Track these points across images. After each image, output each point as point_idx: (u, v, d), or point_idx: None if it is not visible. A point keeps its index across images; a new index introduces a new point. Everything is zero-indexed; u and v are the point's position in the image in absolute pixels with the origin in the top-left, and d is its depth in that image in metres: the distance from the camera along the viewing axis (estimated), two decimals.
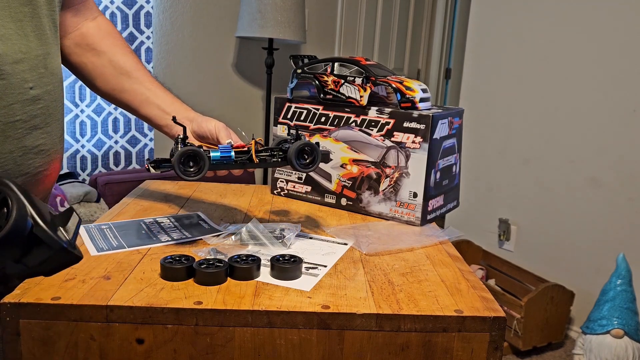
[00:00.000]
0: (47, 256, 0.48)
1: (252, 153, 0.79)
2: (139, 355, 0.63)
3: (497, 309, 0.66)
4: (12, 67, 0.71)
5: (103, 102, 2.53)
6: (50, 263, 0.49)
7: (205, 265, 0.69)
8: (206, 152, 0.77)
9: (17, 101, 0.73)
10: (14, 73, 0.72)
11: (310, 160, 0.82)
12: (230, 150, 0.79)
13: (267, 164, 0.81)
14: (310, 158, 0.82)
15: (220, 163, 0.78)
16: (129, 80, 0.93)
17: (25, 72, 0.73)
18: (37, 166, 0.79)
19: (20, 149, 0.76)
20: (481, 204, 2.80)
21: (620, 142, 2.28)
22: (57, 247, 0.48)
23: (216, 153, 0.78)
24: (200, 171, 0.76)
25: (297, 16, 2.67)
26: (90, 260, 0.74)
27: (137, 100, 0.93)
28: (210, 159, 0.77)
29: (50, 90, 0.79)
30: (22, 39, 0.73)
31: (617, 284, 2.02)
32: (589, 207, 2.39)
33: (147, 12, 2.58)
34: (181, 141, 0.79)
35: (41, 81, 0.76)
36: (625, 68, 2.24)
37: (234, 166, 0.79)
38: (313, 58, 1.07)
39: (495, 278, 2.62)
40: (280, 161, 0.81)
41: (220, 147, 0.79)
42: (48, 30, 0.78)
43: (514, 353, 2.34)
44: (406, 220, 0.97)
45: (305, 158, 0.81)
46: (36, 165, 0.79)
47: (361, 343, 0.64)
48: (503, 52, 2.66)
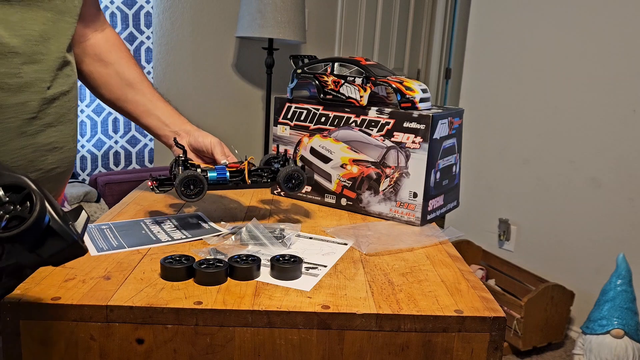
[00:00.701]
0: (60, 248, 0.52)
1: (245, 174, 0.88)
2: (139, 355, 0.63)
3: (497, 309, 0.66)
4: (30, 67, 0.76)
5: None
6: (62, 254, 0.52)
7: (205, 265, 0.70)
8: (204, 174, 0.86)
9: (33, 99, 0.76)
10: (31, 72, 0.76)
11: (297, 184, 0.90)
12: (226, 172, 0.88)
13: (258, 184, 0.90)
14: (297, 182, 0.90)
15: (216, 183, 0.87)
16: (132, 91, 0.99)
17: (43, 72, 0.77)
18: (49, 163, 0.83)
19: (32, 145, 0.79)
20: (481, 204, 2.80)
21: (620, 142, 2.28)
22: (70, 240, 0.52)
23: (213, 173, 0.87)
24: (200, 193, 0.84)
25: (297, 16, 2.68)
26: (90, 260, 0.75)
27: (139, 110, 1.00)
28: (208, 179, 0.86)
29: (64, 92, 0.82)
30: (44, 42, 0.78)
31: (617, 284, 2.02)
32: (589, 207, 2.39)
33: (147, 12, 2.58)
34: (182, 163, 0.88)
35: (57, 82, 0.80)
36: (625, 68, 2.24)
37: (229, 187, 0.88)
38: (313, 58, 1.07)
39: (495, 278, 2.62)
40: (269, 182, 0.91)
41: (217, 168, 0.88)
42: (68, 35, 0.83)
43: (514, 353, 2.34)
44: (406, 220, 0.97)
45: (292, 182, 0.90)
46: (48, 162, 0.82)
47: (361, 343, 0.64)
48: (503, 52, 2.66)
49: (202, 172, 0.86)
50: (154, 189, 0.87)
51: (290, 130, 1.08)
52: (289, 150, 1.07)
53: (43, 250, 0.51)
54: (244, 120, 3.04)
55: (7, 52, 0.73)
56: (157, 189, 0.87)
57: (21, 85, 0.75)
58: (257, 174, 0.90)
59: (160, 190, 0.87)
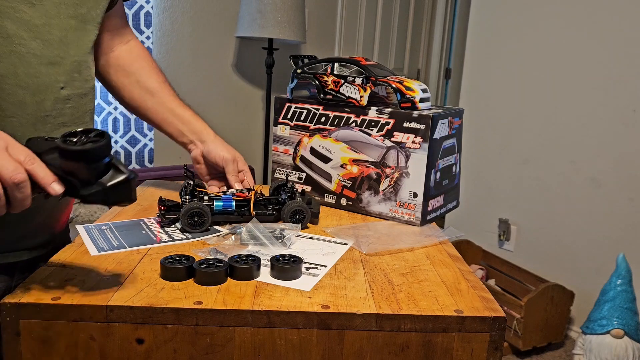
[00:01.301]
0: (120, 180, 0.61)
1: (251, 206, 0.90)
2: (139, 355, 0.63)
3: (497, 309, 0.66)
4: (47, 68, 0.78)
5: (103, 101, 2.53)
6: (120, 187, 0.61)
7: (205, 265, 0.70)
8: (210, 204, 0.88)
9: (49, 98, 0.79)
10: (48, 74, 0.78)
11: (301, 219, 0.91)
12: (232, 201, 0.89)
13: (262, 217, 0.91)
14: (301, 217, 0.91)
15: (221, 213, 0.89)
16: (152, 99, 1.02)
17: (59, 74, 0.80)
18: None
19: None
20: (481, 204, 2.80)
21: (620, 142, 2.28)
22: (130, 175, 0.62)
23: (219, 202, 0.88)
24: (204, 224, 0.86)
25: (297, 16, 2.67)
26: (90, 260, 0.75)
27: (159, 118, 1.03)
28: (212, 209, 0.88)
29: (80, 94, 0.84)
30: (63, 46, 0.80)
31: (617, 284, 2.02)
32: (589, 207, 2.39)
33: (147, 12, 2.58)
34: (189, 192, 0.90)
35: (73, 84, 0.82)
36: (625, 68, 2.24)
37: (233, 218, 0.90)
38: (313, 58, 1.07)
39: (495, 278, 2.62)
40: (275, 214, 0.92)
41: (223, 197, 0.89)
42: (88, 42, 0.85)
43: (514, 353, 2.34)
44: (406, 220, 0.97)
45: (296, 217, 0.91)
46: None
47: (361, 343, 0.64)
48: (503, 52, 2.66)
49: (208, 200, 0.88)
50: (161, 216, 0.89)
51: (290, 130, 1.08)
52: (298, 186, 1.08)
53: (105, 178, 0.61)
54: (244, 120, 3.04)
55: (26, 53, 0.75)
56: (164, 216, 0.88)
57: (39, 85, 0.77)
58: (263, 205, 0.92)
59: (166, 218, 0.88)
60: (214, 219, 0.88)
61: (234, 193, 0.91)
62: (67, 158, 0.60)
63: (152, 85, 1.03)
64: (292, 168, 1.09)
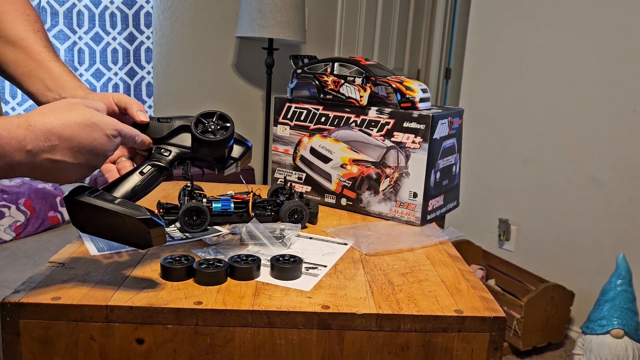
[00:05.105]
0: (244, 151, 0.76)
1: (249, 207, 0.90)
2: (139, 355, 0.63)
3: (497, 309, 0.66)
4: None
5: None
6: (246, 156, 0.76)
7: (205, 265, 0.70)
8: (208, 205, 0.87)
9: None
10: None
11: (299, 219, 0.91)
12: (230, 203, 0.89)
13: (260, 218, 0.90)
14: (300, 217, 0.91)
15: (220, 214, 0.89)
16: (14, 50, 0.81)
17: None
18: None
19: None
20: (481, 204, 2.79)
21: (620, 142, 2.28)
22: (250, 145, 0.76)
23: (217, 204, 0.88)
24: (203, 224, 0.86)
25: (297, 16, 2.67)
26: (90, 260, 0.75)
27: (19, 72, 0.81)
28: (211, 210, 0.87)
29: None
30: None
31: (617, 284, 2.02)
32: (589, 207, 2.39)
33: (147, 12, 2.58)
34: (188, 193, 0.89)
35: None
36: (625, 68, 2.24)
37: (232, 219, 0.90)
38: (313, 58, 1.06)
39: (495, 278, 2.62)
40: (273, 215, 0.92)
41: (222, 199, 0.89)
42: None
43: (514, 353, 2.34)
44: (406, 220, 0.97)
45: (295, 217, 0.91)
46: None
47: (361, 343, 0.64)
48: (503, 52, 2.66)
49: (207, 202, 0.88)
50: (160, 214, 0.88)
51: (290, 130, 1.08)
52: (295, 187, 1.08)
53: (235, 153, 0.75)
54: (244, 120, 3.04)
55: None
56: (163, 218, 0.88)
57: None
58: (262, 206, 0.92)
59: (165, 219, 0.88)
60: (212, 220, 0.88)
61: (232, 195, 0.91)
62: (206, 146, 0.72)
63: (15, 33, 0.81)
64: (292, 168, 1.09)
